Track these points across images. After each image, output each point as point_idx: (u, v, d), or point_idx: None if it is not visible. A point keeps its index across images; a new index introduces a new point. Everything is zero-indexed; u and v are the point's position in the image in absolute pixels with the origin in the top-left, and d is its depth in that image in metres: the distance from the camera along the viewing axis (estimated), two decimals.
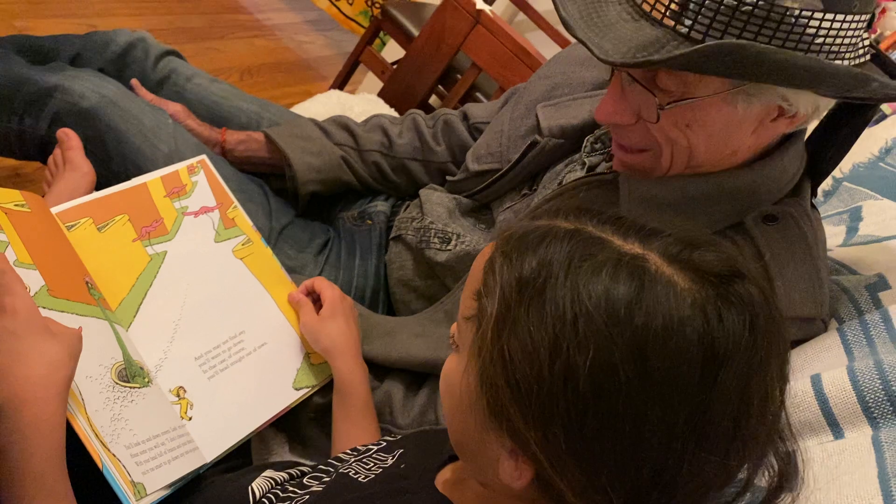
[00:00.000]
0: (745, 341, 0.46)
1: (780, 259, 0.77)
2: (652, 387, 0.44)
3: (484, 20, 1.60)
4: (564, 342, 0.45)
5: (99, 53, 1.20)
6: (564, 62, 1.09)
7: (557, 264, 0.47)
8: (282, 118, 1.27)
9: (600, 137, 0.97)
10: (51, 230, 0.80)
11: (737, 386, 0.46)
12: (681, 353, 0.44)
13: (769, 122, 0.75)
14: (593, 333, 0.44)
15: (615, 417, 0.44)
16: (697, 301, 0.45)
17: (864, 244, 0.99)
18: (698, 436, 0.45)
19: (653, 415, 0.44)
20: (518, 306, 0.47)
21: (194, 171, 0.96)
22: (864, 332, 0.74)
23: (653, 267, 0.46)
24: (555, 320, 0.45)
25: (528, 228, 0.51)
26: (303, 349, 0.93)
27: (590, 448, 0.45)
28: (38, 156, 1.09)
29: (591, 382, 0.44)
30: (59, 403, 0.62)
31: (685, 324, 0.45)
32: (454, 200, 1.08)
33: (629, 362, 0.44)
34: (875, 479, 0.56)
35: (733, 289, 0.47)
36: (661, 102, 0.72)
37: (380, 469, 0.64)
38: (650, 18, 0.69)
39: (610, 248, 0.48)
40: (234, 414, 0.84)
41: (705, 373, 0.45)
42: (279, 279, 0.96)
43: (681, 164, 0.78)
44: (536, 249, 0.48)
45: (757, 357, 0.46)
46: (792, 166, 0.82)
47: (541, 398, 0.45)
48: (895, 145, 1.27)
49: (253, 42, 2.55)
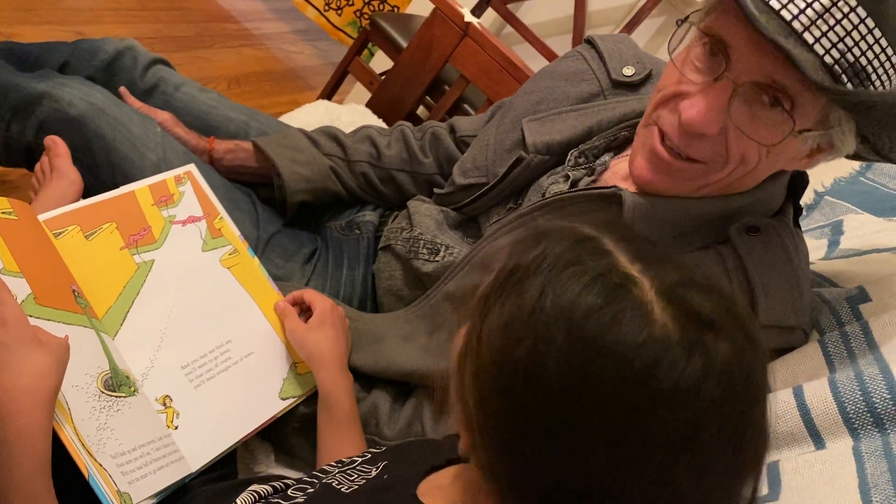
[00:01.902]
0: (695, 388, 0.44)
1: (761, 268, 0.79)
2: (579, 402, 0.44)
3: (472, 32, 1.62)
4: (515, 328, 0.46)
5: (87, 61, 1.19)
6: (549, 77, 1.10)
7: (548, 261, 0.48)
8: (270, 128, 1.28)
9: (584, 152, 0.98)
10: (38, 238, 0.80)
11: (678, 427, 0.44)
12: (620, 377, 0.43)
13: (814, 154, 0.77)
14: (541, 331, 0.45)
15: (538, 421, 0.45)
16: (664, 337, 0.44)
17: (845, 258, 1.01)
18: (628, 466, 0.44)
19: (579, 429, 0.44)
20: (501, 293, 0.49)
21: (181, 182, 0.96)
22: (845, 343, 0.75)
23: (638, 291, 0.46)
24: (516, 308, 0.47)
25: (559, 224, 0.52)
26: (289, 359, 0.93)
27: (518, 448, 0.46)
28: (25, 163, 1.08)
29: (526, 380, 0.45)
30: (45, 413, 0.61)
31: (638, 353, 0.44)
32: (442, 213, 1.09)
33: (559, 373, 0.44)
34: (856, 490, 0.57)
35: (711, 338, 0.45)
36: (799, 129, 0.72)
37: (363, 480, 0.64)
38: (801, 39, 0.67)
39: (606, 263, 0.47)
40: (220, 423, 0.83)
41: (640, 404, 0.44)
42: (265, 289, 0.96)
43: (730, 181, 0.78)
44: (539, 242, 0.49)
45: (710, 407, 0.44)
46: (781, 191, 0.85)
47: (489, 379, 0.47)
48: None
49: (241, 51, 2.56)
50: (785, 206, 0.86)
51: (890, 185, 1.22)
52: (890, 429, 0.62)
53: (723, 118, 0.73)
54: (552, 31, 2.48)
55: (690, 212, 0.81)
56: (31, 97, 1.04)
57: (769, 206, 0.84)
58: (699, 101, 0.73)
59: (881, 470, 0.58)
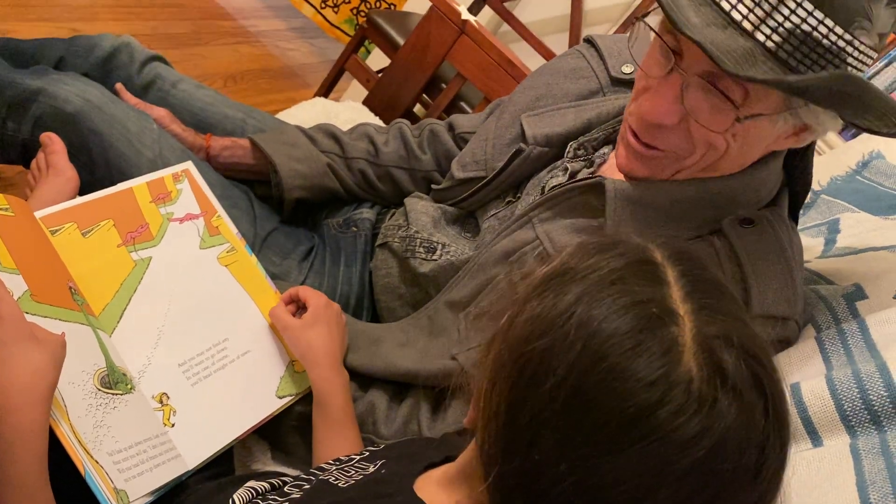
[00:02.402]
0: (683, 449, 0.44)
1: (755, 259, 0.79)
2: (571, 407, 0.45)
3: (469, 30, 1.61)
4: (540, 324, 0.48)
5: (83, 58, 1.19)
6: (549, 74, 1.11)
7: (598, 274, 0.49)
8: (267, 125, 1.27)
9: (583, 144, 0.98)
10: (34, 235, 0.80)
11: (643, 463, 0.44)
12: (618, 406, 0.44)
13: (790, 137, 0.77)
14: (563, 330, 0.46)
15: (540, 424, 0.46)
16: (687, 385, 0.44)
17: (841, 256, 1.01)
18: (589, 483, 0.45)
19: (569, 442, 0.45)
20: (545, 284, 0.50)
21: (179, 180, 0.96)
22: (842, 341, 0.75)
23: (674, 328, 0.45)
24: (550, 306, 0.48)
25: (633, 241, 0.53)
26: (286, 357, 0.93)
27: (517, 438, 0.47)
28: (20, 160, 1.08)
29: (535, 383, 0.46)
30: (42, 410, 0.61)
31: (648, 387, 0.44)
32: (439, 210, 1.09)
33: (571, 375, 0.45)
34: (854, 487, 0.57)
35: (725, 404, 0.44)
36: (740, 115, 0.73)
37: (360, 476, 0.64)
38: (739, 28, 0.69)
39: (655, 293, 0.47)
40: (217, 421, 0.83)
41: (624, 432, 0.44)
42: (263, 287, 0.96)
43: (703, 165, 0.79)
44: (603, 252, 0.50)
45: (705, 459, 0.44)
46: (771, 179, 0.84)
47: (505, 370, 0.49)
48: (871, 159, 1.30)
49: (237, 49, 2.55)
50: (780, 196, 0.86)
51: (886, 184, 1.22)
52: (887, 426, 0.62)
53: (678, 109, 0.76)
54: (549, 29, 2.48)
55: (673, 195, 0.82)
56: (26, 94, 1.03)
57: (760, 193, 0.83)
58: (654, 95, 0.77)
59: (879, 467, 0.58)
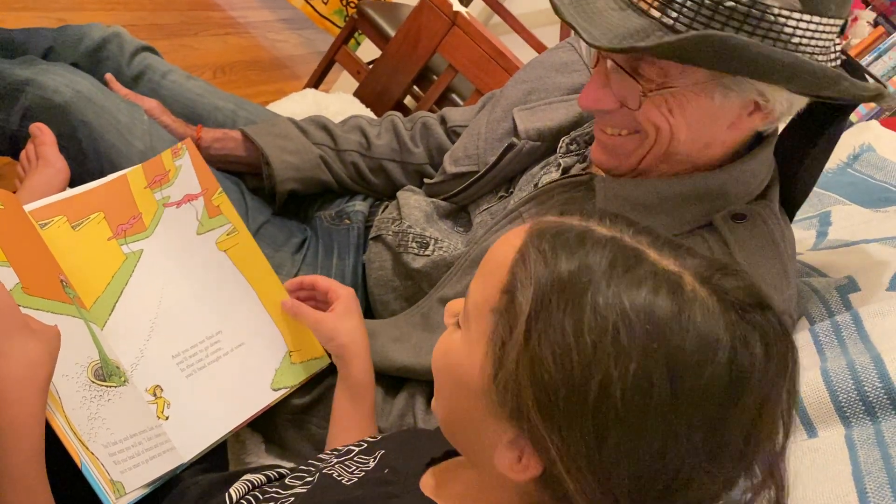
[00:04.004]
0: (764, 368, 0.46)
1: (748, 254, 0.79)
2: (681, 405, 0.45)
3: (460, 22, 1.61)
4: (604, 352, 0.44)
5: (72, 48, 1.18)
6: (541, 67, 1.11)
7: (600, 270, 0.47)
8: (258, 117, 1.27)
9: (575, 139, 0.98)
10: (24, 228, 0.79)
11: (753, 409, 0.46)
12: (712, 374, 0.45)
13: (745, 117, 0.78)
14: (635, 347, 0.44)
15: (640, 430, 0.45)
16: (728, 325, 0.46)
17: (833, 248, 1.02)
18: (712, 454, 0.46)
19: (677, 431, 0.45)
20: (557, 308, 0.46)
21: (178, 154, 0.92)
22: (836, 333, 0.76)
23: (689, 286, 0.47)
24: (595, 329, 0.45)
25: (563, 227, 0.50)
26: (283, 347, 0.91)
27: (609, 456, 0.45)
28: (9, 151, 1.07)
29: (624, 395, 0.44)
30: (38, 403, 0.61)
31: (718, 347, 0.45)
32: (431, 204, 1.09)
33: (665, 379, 0.44)
34: (849, 477, 0.57)
35: (757, 317, 0.47)
36: (644, 90, 0.75)
37: (362, 472, 0.63)
38: (636, 9, 0.72)
39: (648, 262, 0.48)
40: (212, 413, 0.83)
41: (730, 395, 0.46)
42: (264, 272, 0.93)
43: (661, 148, 0.80)
44: (575, 251, 0.48)
45: (771, 384, 0.47)
46: (760, 171, 0.84)
47: (569, 404, 0.45)
48: (862, 152, 1.31)
49: (226, 39, 2.53)
50: (771, 189, 0.86)
51: (877, 177, 1.23)
52: (882, 417, 0.62)
53: (607, 93, 0.79)
54: (540, 21, 2.47)
55: (662, 192, 0.82)
56: (15, 84, 1.02)
57: (749, 186, 0.84)
58: (589, 83, 0.81)
59: (874, 457, 0.58)
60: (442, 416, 0.57)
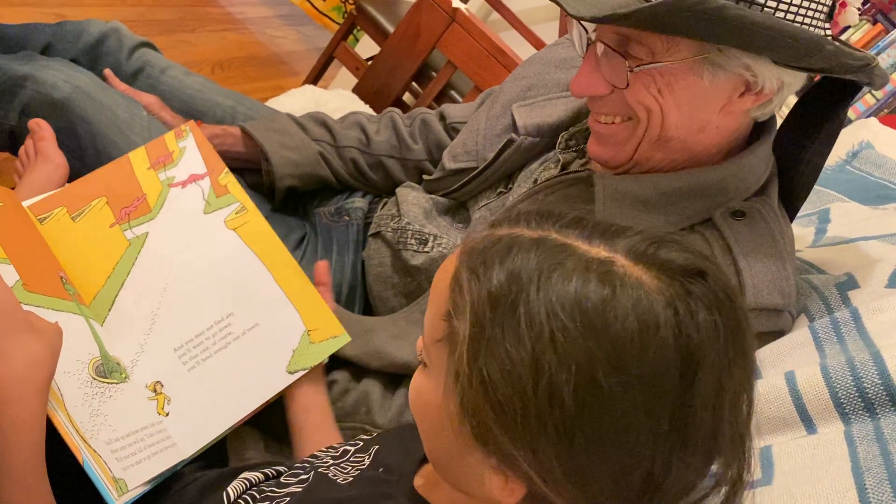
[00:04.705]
0: (714, 337, 0.45)
1: (748, 251, 0.79)
2: (635, 394, 0.44)
3: (460, 18, 1.61)
4: (545, 360, 0.44)
5: (71, 43, 1.18)
6: (540, 63, 1.11)
7: (527, 277, 0.45)
8: (258, 113, 1.26)
9: (574, 135, 0.98)
10: (23, 225, 0.79)
11: (713, 385, 0.45)
12: (659, 355, 0.44)
13: (736, 98, 0.78)
14: (573, 348, 0.43)
15: (602, 429, 0.44)
16: (668, 300, 0.45)
17: (832, 245, 1.02)
18: (683, 438, 0.45)
19: (638, 422, 0.44)
20: (492, 325, 0.45)
21: (182, 136, 0.90)
22: (835, 329, 0.76)
23: (620, 270, 0.46)
24: (532, 337, 0.44)
25: (491, 240, 0.49)
26: (301, 327, 0.87)
27: (580, 462, 0.45)
28: (8, 147, 1.07)
29: (576, 398, 0.43)
30: (39, 402, 0.61)
31: (660, 325, 0.44)
32: (430, 200, 1.09)
33: (611, 373, 0.43)
34: (849, 473, 0.57)
35: (699, 287, 0.46)
36: (630, 66, 0.76)
37: (357, 471, 0.63)
38: None
39: (576, 255, 0.46)
40: (216, 406, 0.81)
41: (684, 374, 0.45)
42: (277, 248, 0.89)
43: (654, 132, 0.80)
44: (503, 262, 0.47)
45: (727, 355, 0.46)
46: (759, 166, 0.84)
47: (527, 418, 0.44)
48: (861, 149, 1.31)
49: (224, 35, 2.52)
50: (769, 185, 0.86)
51: (876, 174, 1.23)
52: (881, 413, 0.62)
53: (598, 77, 0.80)
54: (539, 18, 2.47)
55: (660, 188, 0.82)
56: (13, 79, 1.02)
57: (747, 181, 0.84)
58: (580, 70, 0.82)
59: (873, 453, 0.58)
60: (431, 458, 0.56)
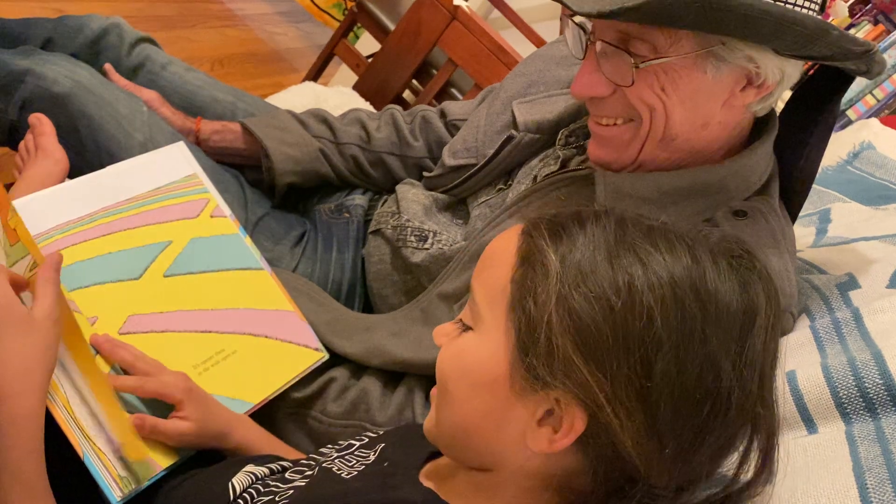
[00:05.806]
0: (767, 305, 0.52)
1: None
2: (711, 326, 0.49)
3: (461, 16, 1.61)
4: (638, 287, 0.49)
5: (71, 38, 1.17)
6: (541, 60, 1.10)
7: (610, 227, 0.52)
8: (258, 109, 1.26)
9: (574, 131, 0.98)
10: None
11: (763, 340, 0.51)
12: (729, 299, 0.50)
13: (738, 92, 0.78)
14: (664, 278, 0.49)
15: (683, 355, 0.48)
16: (735, 268, 0.52)
17: (833, 245, 1.02)
18: (740, 380, 0.50)
19: (713, 353, 0.49)
20: (583, 258, 0.50)
21: None
22: (836, 330, 0.76)
23: (689, 241, 0.52)
24: (624, 267, 0.49)
25: (557, 214, 0.54)
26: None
27: (657, 388, 0.48)
28: (8, 142, 1.06)
29: (665, 322, 0.48)
30: (37, 397, 0.60)
31: (727, 279, 0.51)
32: (430, 197, 1.08)
33: (694, 304, 0.49)
34: (850, 473, 0.57)
35: (750, 262, 0.53)
36: (636, 62, 0.76)
37: (362, 466, 0.63)
38: None
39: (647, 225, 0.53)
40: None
41: (745, 321, 0.50)
42: (72, 328, 0.71)
43: (658, 133, 0.80)
44: (584, 226, 0.52)
45: (771, 322, 0.52)
46: (760, 165, 0.84)
47: (616, 342, 0.48)
48: (862, 149, 1.31)
49: (224, 32, 2.52)
50: (771, 185, 0.86)
51: (877, 174, 1.23)
52: (882, 413, 0.62)
53: (599, 77, 0.79)
54: (539, 16, 2.47)
55: (661, 186, 0.82)
56: (14, 74, 1.02)
57: (749, 180, 0.84)
58: (581, 71, 0.82)
59: (875, 453, 0.58)
60: (449, 429, 0.56)
